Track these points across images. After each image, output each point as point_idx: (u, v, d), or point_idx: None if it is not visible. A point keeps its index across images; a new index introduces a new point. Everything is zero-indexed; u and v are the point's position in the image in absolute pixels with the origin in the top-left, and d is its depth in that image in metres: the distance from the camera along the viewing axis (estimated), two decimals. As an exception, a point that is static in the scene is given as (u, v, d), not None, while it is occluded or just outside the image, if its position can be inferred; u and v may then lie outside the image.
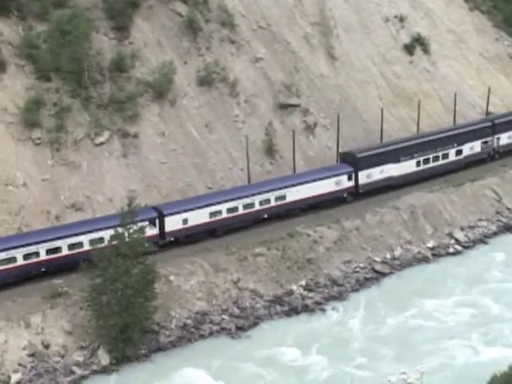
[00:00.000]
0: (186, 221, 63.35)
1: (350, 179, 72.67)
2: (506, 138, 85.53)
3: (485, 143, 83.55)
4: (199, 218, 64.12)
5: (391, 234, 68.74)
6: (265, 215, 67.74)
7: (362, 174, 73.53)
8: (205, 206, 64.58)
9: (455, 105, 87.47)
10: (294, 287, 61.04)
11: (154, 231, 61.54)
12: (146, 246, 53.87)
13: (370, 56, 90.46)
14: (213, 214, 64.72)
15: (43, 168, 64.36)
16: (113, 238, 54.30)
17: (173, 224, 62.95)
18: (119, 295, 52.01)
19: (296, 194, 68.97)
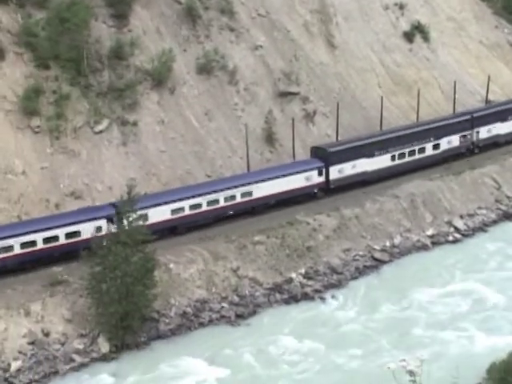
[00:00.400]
0: (145, 218, 59.41)
1: (320, 174, 70.51)
2: (485, 132, 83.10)
3: (464, 137, 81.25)
4: (160, 215, 61.74)
5: (391, 222, 68.77)
6: (230, 212, 65.59)
7: (334, 169, 71.35)
8: (166, 202, 62.48)
9: (455, 93, 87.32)
10: (294, 275, 61.11)
11: (113, 229, 58.55)
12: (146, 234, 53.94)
13: (370, 44, 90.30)
14: (175, 211, 62.55)
15: (42, 156, 64.30)
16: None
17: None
18: (119, 283, 52.07)
19: (263, 189, 66.80)
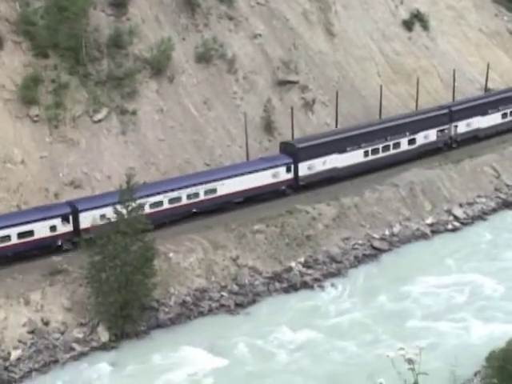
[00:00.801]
0: (103, 217, 57.53)
1: (288, 171, 68.28)
2: (464, 126, 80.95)
3: (441, 131, 79.09)
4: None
5: (390, 210, 68.77)
6: (193, 210, 63.25)
7: (303, 165, 69.22)
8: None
9: (454, 81, 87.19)
10: (293, 264, 61.15)
11: (68, 228, 57.91)
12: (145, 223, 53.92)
13: (369, 32, 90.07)
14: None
15: (41, 145, 64.21)
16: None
17: (89, 220, 58.16)
18: (118, 272, 52.12)
19: (228, 187, 64.65)
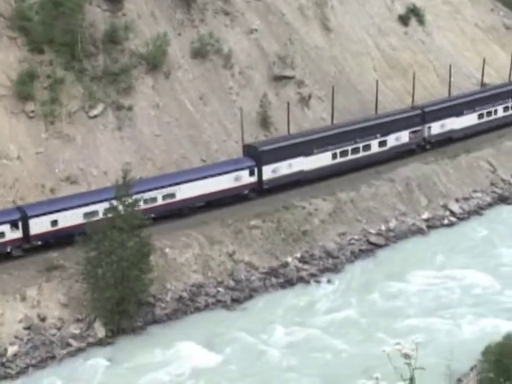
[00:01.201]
0: (55, 222, 57.10)
1: (251, 174, 66.23)
2: (438, 127, 78.88)
3: (414, 133, 77.02)
4: (72, 219, 57.75)
5: (386, 205, 68.82)
6: (151, 215, 59.29)
7: (267, 168, 67.08)
8: (78, 206, 58.18)
9: (450, 76, 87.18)
10: (289, 259, 61.18)
11: (17, 234, 56.42)
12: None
13: (365, 27, 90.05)
14: (88, 215, 57.52)
15: (37, 141, 64.12)
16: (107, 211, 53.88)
17: (39, 227, 56.87)
18: (115, 268, 52.09)
19: (188, 191, 62.59)
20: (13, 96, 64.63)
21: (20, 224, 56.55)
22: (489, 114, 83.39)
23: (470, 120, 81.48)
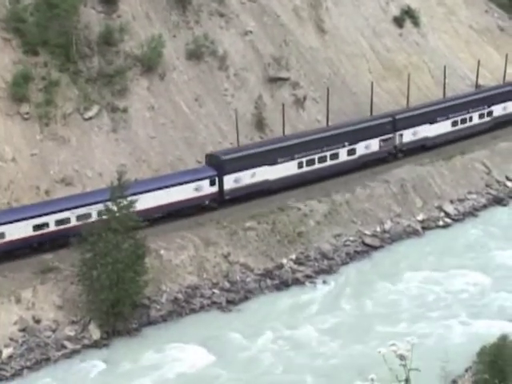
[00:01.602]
0: (2, 235, 55.68)
1: (212, 184, 64.20)
2: (410, 135, 76.78)
3: (384, 141, 74.79)
4: (18, 231, 56.12)
5: (381, 207, 68.86)
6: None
7: (228, 178, 65.12)
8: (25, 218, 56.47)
9: (445, 78, 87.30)
10: (285, 261, 61.17)
11: None
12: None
13: (360, 29, 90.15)
14: (37, 227, 56.51)
15: (32, 143, 64.04)
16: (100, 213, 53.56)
17: None
18: (109, 270, 52.00)
19: (144, 202, 59.15)
20: (7, 98, 64.55)
21: None
22: (463, 121, 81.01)
23: (443, 127, 79.46)
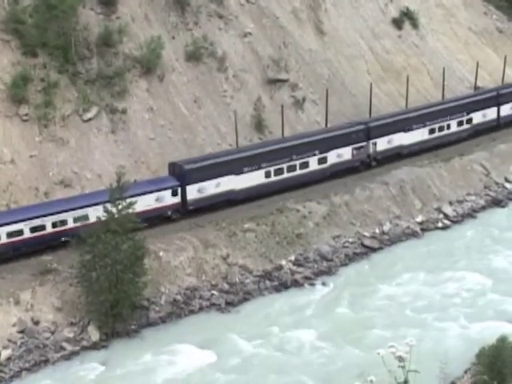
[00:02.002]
0: None
1: (174, 195, 62.26)
2: (384, 143, 74.91)
3: (357, 149, 73.10)
4: None
5: (380, 209, 68.86)
6: (62, 238, 56.94)
7: (192, 188, 63.32)
8: None
9: (444, 79, 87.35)
10: (284, 262, 61.16)
11: None
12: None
13: (359, 30, 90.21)
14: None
15: (31, 144, 64.03)
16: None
17: None
18: (108, 271, 51.98)
19: (103, 212, 57.03)
20: (6, 99, 64.54)
21: None
22: (441, 129, 79.32)
23: (420, 135, 77.63)
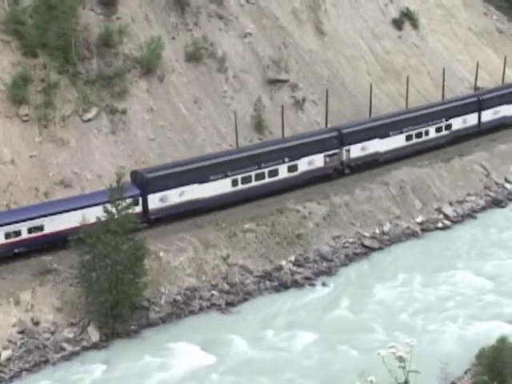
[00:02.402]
0: None
1: (135, 204, 58.80)
2: (358, 150, 72.73)
3: (330, 156, 70.97)
4: None
5: (380, 209, 68.85)
6: (15, 250, 55.90)
7: (153, 197, 61.51)
8: None
9: (444, 80, 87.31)
10: (284, 263, 61.16)
11: None
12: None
13: (359, 31, 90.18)
14: None
15: (31, 145, 64.02)
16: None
17: None
18: (109, 271, 52.00)
19: (59, 223, 56.66)
20: (7, 99, 64.54)
21: None
22: (418, 135, 77.19)
23: (396, 142, 75.58)
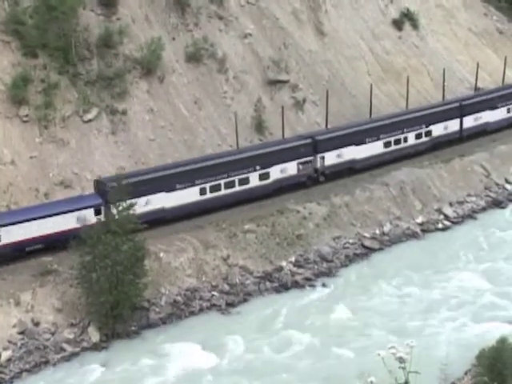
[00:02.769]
0: None
1: (98, 214, 57.42)
2: (333, 157, 71.05)
3: (303, 164, 69.51)
4: None
5: (380, 209, 68.85)
6: None
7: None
8: None
9: (444, 80, 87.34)
10: (284, 263, 61.14)
11: None
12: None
13: (359, 31, 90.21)
14: None
15: (31, 145, 64.03)
16: None
17: None
18: (109, 272, 51.97)
19: (17, 234, 54.76)
20: (7, 100, 64.54)
21: None
22: (397, 141, 75.57)
23: (373, 149, 73.85)
